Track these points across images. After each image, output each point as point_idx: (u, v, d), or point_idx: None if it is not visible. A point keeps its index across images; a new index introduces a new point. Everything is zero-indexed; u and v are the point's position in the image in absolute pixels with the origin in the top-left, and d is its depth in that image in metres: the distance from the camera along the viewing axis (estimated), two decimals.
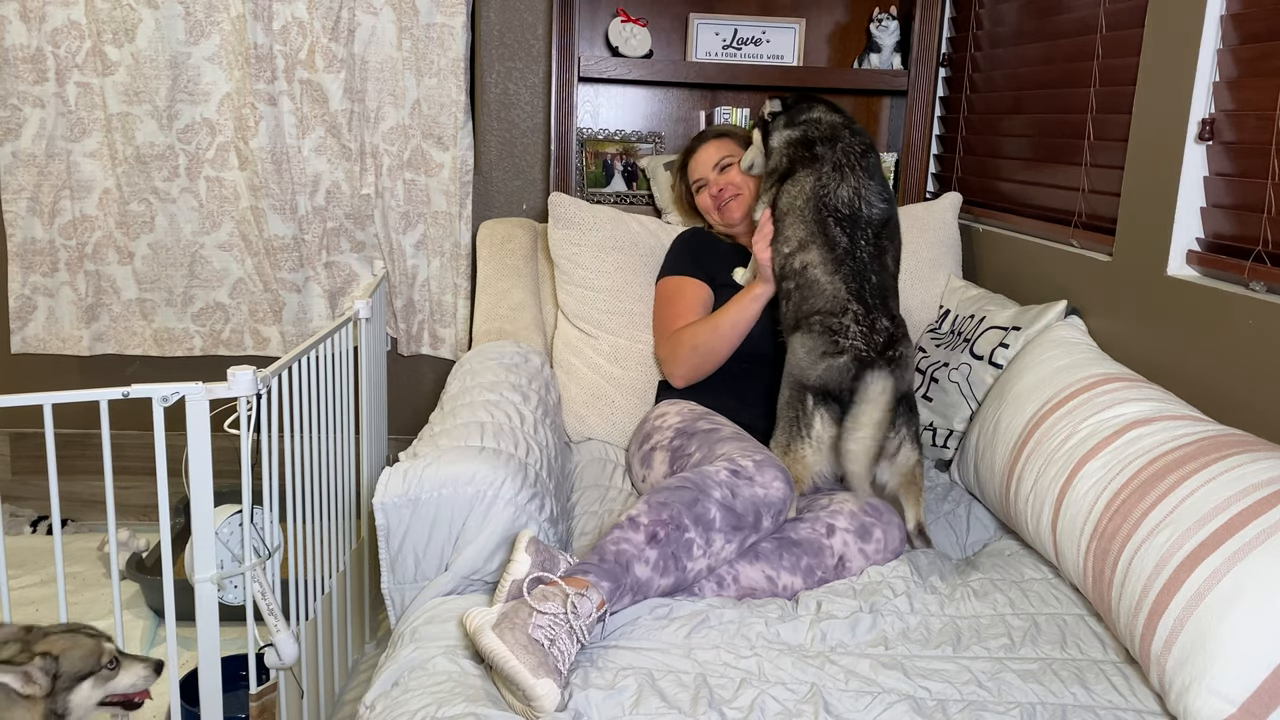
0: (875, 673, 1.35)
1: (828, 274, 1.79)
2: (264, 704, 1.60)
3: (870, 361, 1.71)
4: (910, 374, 1.80)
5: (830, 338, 1.75)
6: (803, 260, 1.82)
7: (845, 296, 1.77)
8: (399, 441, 2.79)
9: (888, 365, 1.71)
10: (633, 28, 2.60)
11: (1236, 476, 1.33)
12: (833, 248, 1.80)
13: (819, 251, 1.81)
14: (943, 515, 1.93)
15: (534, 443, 1.74)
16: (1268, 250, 1.60)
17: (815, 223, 1.82)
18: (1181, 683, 1.23)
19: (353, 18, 2.56)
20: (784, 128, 1.98)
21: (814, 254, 1.81)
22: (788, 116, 1.98)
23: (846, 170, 1.86)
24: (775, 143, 1.98)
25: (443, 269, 2.74)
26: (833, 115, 1.96)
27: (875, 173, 1.89)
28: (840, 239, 1.80)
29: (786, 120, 1.98)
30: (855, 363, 1.71)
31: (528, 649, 1.24)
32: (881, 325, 1.76)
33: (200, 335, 2.77)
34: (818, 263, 1.80)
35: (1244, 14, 1.65)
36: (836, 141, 1.89)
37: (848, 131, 1.92)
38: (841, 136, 1.91)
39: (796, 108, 1.99)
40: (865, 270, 1.80)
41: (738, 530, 1.56)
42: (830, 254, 1.80)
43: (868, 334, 1.74)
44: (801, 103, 2.00)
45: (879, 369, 1.69)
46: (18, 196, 2.62)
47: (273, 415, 1.57)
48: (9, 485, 2.89)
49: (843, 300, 1.77)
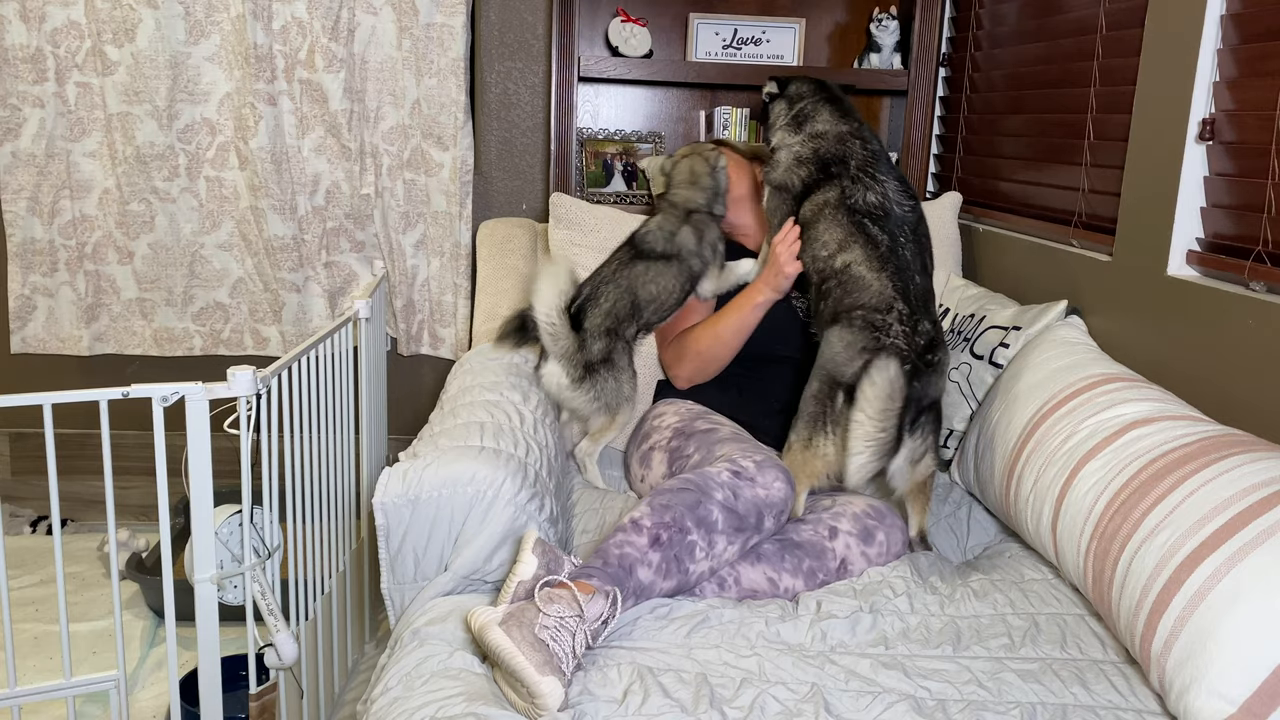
0: (875, 673, 1.35)
1: (873, 270, 1.75)
2: (264, 704, 1.60)
3: (907, 360, 1.67)
4: (943, 381, 1.76)
5: (872, 333, 1.70)
6: (844, 260, 1.77)
7: (892, 294, 1.73)
8: (399, 441, 2.79)
9: (925, 369, 1.69)
10: (633, 28, 2.60)
11: (1236, 476, 1.33)
12: (876, 245, 1.76)
13: (862, 249, 1.76)
14: (943, 520, 1.93)
15: (534, 443, 1.74)
16: (1268, 250, 1.60)
17: (852, 224, 1.78)
18: (1182, 683, 1.23)
19: (352, 18, 2.56)
20: (789, 133, 1.92)
21: (856, 252, 1.76)
22: (790, 117, 1.93)
23: (868, 179, 1.82)
24: (782, 156, 1.92)
25: (443, 269, 2.74)
26: (839, 124, 1.89)
27: (892, 172, 1.85)
28: (881, 237, 1.77)
29: (790, 121, 1.93)
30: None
31: (534, 647, 1.24)
32: (924, 328, 1.72)
33: (200, 335, 2.77)
34: (861, 260, 1.76)
35: (1244, 14, 1.65)
36: (849, 160, 1.84)
37: (857, 142, 1.86)
38: (852, 152, 1.85)
39: (798, 107, 1.93)
40: (909, 270, 1.76)
41: (740, 532, 1.56)
42: (874, 251, 1.76)
43: (910, 334, 1.70)
44: (803, 100, 1.93)
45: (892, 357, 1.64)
46: (18, 196, 2.62)
47: (272, 415, 1.57)
48: (9, 485, 2.89)
49: (889, 297, 1.73)
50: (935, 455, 1.76)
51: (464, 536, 1.54)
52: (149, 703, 2.06)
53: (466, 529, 1.54)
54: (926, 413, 1.71)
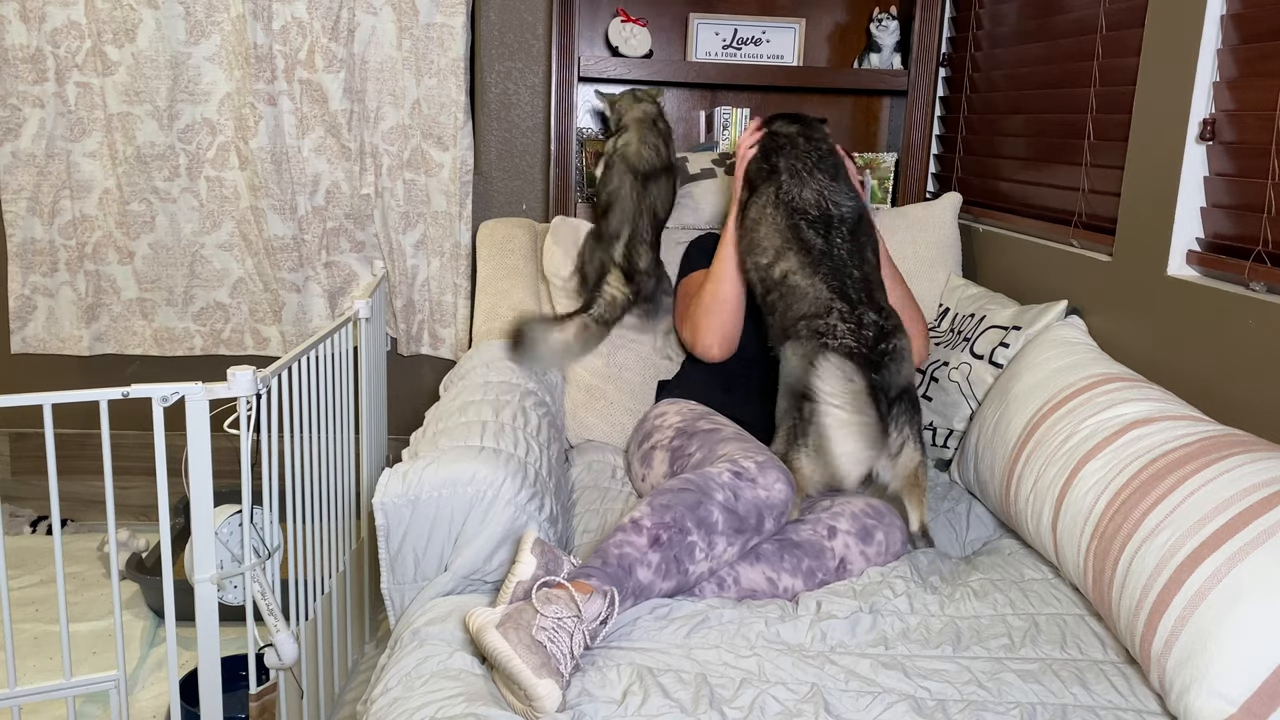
0: (875, 673, 1.35)
1: (806, 278, 1.77)
2: (264, 704, 1.60)
3: (857, 356, 1.68)
4: (908, 367, 1.75)
5: (818, 340, 1.72)
6: (781, 270, 1.80)
7: (828, 296, 1.74)
8: (399, 441, 2.79)
9: (882, 359, 1.69)
10: (633, 28, 2.60)
11: (1237, 476, 1.33)
12: (809, 250, 1.79)
13: (796, 257, 1.79)
14: (943, 515, 1.93)
15: (534, 442, 1.74)
16: (1268, 250, 1.60)
17: (788, 228, 1.81)
18: (1182, 683, 1.23)
19: (352, 18, 2.57)
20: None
21: (791, 261, 1.79)
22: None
23: (805, 175, 1.85)
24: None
25: (443, 269, 2.74)
26: (789, 126, 1.96)
27: (838, 175, 1.88)
28: (815, 240, 1.79)
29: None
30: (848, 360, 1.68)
31: (531, 649, 1.24)
32: (869, 319, 1.73)
33: (200, 335, 2.77)
34: (796, 269, 1.78)
35: (1244, 14, 1.65)
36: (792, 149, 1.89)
37: (803, 140, 1.91)
38: (797, 144, 1.90)
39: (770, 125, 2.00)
40: (845, 266, 1.77)
41: (740, 533, 1.56)
42: (807, 257, 1.78)
43: (856, 330, 1.71)
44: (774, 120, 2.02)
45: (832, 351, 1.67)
46: (18, 196, 2.62)
47: (272, 415, 1.57)
48: (9, 485, 2.89)
49: (825, 300, 1.74)
50: (918, 444, 1.74)
51: (464, 536, 1.54)
52: (149, 703, 2.06)
53: (466, 529, 1.54)
54: (898, 403, 1.70)
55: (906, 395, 1.73)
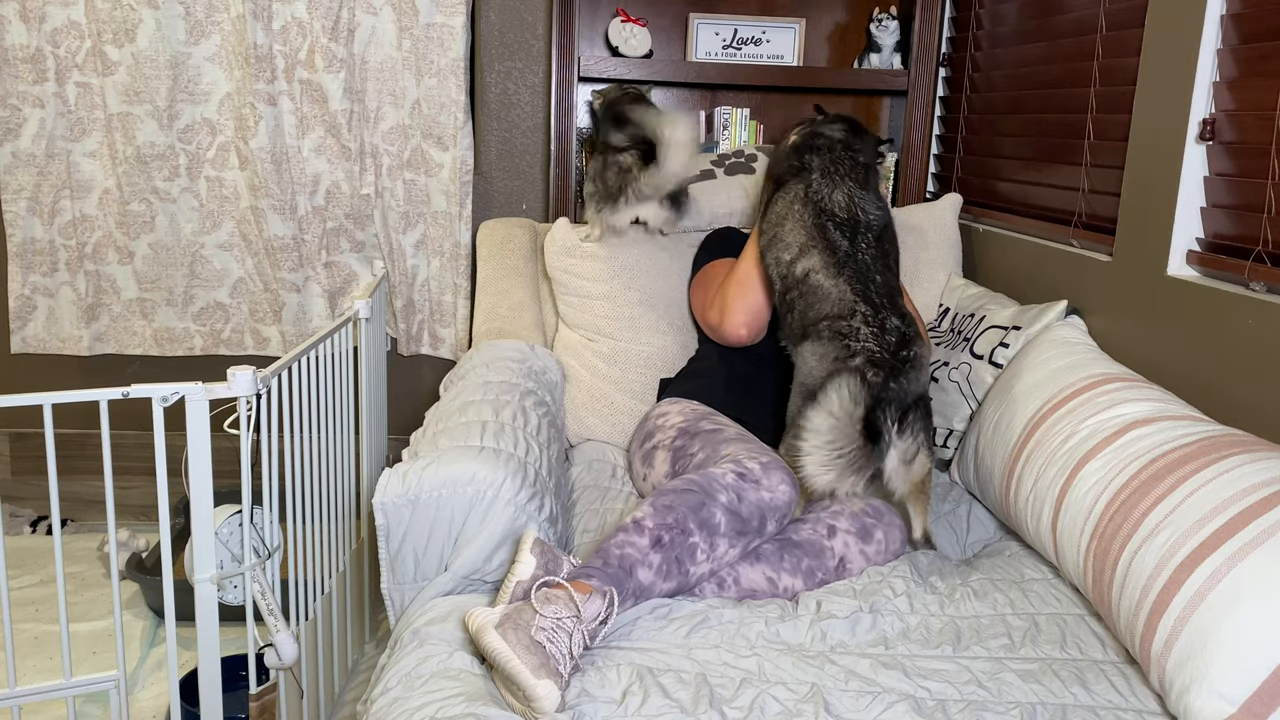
0: (875, 673, 1.35)
1: (830, 278, 1.76)
2: (264, 704, 1.60)
3: (882, 364, 1.67)
4: (925, 375, 1.74)
5: (841, 342, 1.71)
6: (804, 267, 1.80)
7: (851, 298, 1.73)
8: (399, 441, 2.80)
9: (902, 366, 1.68)
10: (633, 28, 2.60)
11: (1236, 476, 1.33)
12: (834, 250, 1.78)
13: (820, 256, 1.79)
14: (943, 515, 1.93)
15: (535, 442, 1.74)
16: (1268, 250, 1.60)
17: (815, 226, 1.81)
18: (1182, 683, 1.23)
19: (352, 18, 2.57)
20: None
21: (815, 259, 1.79)
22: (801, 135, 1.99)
23: (837, 178, 1.84)
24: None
25: (443, 269, 2.74)
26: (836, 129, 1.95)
27: (868, 185, 1.87)
28: (841, 242, 1.79)
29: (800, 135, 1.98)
30: (869, 366, 1.67)
31: (530, 649, 1.24)
32: (892, 325, 1.72)
33: (200, 335, 2.77)
34: (819, 268, 1.78)
35: (1244, 14, 1.65)
36: (829, 151, 1.89)
37: (842, 146, 1.90)
38: (835, 148, 1.89)
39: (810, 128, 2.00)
40: (868, 271, 1.76)
41: (742, 535, 1.56)
42: (831, 257, 1.77)
43: (879, 334, 1.70)
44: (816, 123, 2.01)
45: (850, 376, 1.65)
46: (18, 196, 2.62)
47: (272, 415, 1.57)
48: (9, 485, 2.89)
49: (849, 302, 1.73)
50: (930, 453, 1.73)
51: (464, 536, 1.54)
52: (149, 703, 2.06)
53: (466, 529, 1.54)
54: (913, 410, 1.68)
55: (922, 403, 1.72)
